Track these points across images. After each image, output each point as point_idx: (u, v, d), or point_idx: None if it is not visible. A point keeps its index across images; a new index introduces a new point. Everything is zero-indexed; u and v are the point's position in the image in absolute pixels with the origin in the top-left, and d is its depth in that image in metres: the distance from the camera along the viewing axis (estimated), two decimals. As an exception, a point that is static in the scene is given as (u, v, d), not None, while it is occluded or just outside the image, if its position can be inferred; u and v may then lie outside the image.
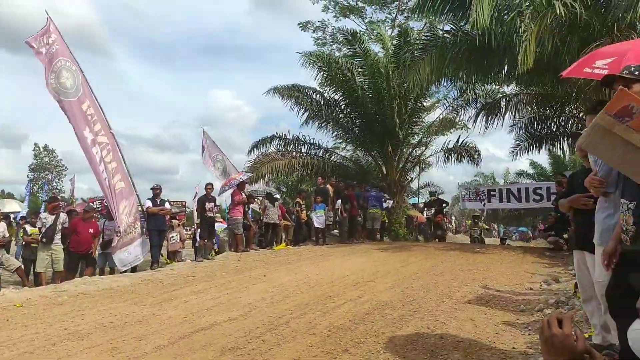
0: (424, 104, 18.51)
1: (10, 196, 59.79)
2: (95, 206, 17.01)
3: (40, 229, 10.06)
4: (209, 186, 12.27)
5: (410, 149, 19.13)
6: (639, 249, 2.65)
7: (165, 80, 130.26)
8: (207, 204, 11.83)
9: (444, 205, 17.92)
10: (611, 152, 2.52)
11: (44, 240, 9.75)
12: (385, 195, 16.61)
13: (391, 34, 20.42)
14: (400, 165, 18.59)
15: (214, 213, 12.07)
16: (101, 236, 11.56)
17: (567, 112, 15.56)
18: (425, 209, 17.84)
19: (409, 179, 20.35)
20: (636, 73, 2.80)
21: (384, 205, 16.19)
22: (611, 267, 2.95)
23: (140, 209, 10.73)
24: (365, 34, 23.52)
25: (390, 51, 17.74)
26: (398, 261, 10.37)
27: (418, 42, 15.73)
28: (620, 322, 2.83)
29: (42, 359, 4.25)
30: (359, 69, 17.21)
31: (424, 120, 19.42)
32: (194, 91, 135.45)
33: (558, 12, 9.34)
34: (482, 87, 16.98)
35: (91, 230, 10.42)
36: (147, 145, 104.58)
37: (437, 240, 16.37)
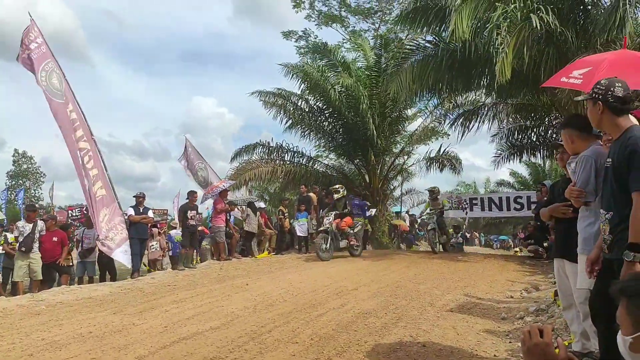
0: (406, 113, 18.67)
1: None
2: (74, 214, 16.82)
3: (17, 237, 9.88)
4: (193, 194, 12.19)
5: (393, 158, 19.25)
6: (615, 257, 2.71)
7: (146, 87, 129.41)
8: (189, 212, 11.75)
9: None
10: None
11: (22, 249, 9.58)
12: (368, 203, 16.65)
13: (374, 43, 20.57)
14: (383, 174, 18.69)
15: (196, 221, 11.98)
16: (80, 245, 11.41)
17: (546, 122, 15.81)
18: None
19: (392, 187, 20.46)
20: (590, 92, 2.94)
21: (367, 213, 16.22)
22: (594, 274, 3.01)
23: (121, 216, 10.59)
24: (347, 43, 23.73)
25: (371, 60, 17.90)
26: (381, 269, 10.39)
27: (399, 52, 15.89)
28: (601, 329, 2.89)
29: (19, 370, 4.17)
30: (338, 79, 17.26)
31: (405, 129, 19.59)
32: (176, 98, 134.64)
33: (535, 25, 9.50)
34: (464, 97, 17.16)
35: (55, 239, 10.17)
36: (128, 152, 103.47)
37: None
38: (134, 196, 11.32)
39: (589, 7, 11.15)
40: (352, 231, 12.78)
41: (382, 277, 9.16)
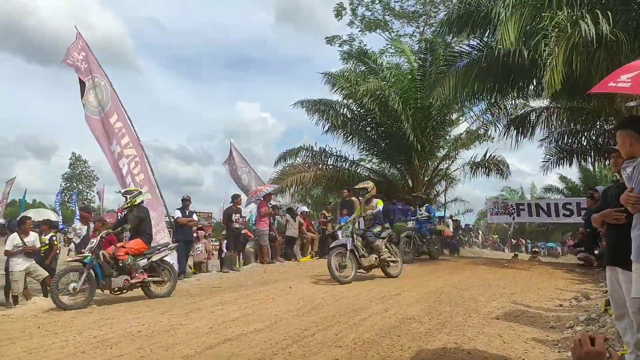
0: (450, 117, 18.39)
1: (42, 206, 61.31)
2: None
3: (72, 239, 10.27)
4: (237, 198, 12.38)
5: (437, 162, 19.02)
6: None
7: (191, 93, 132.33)
8: (233, 215, 11.93)
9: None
10: None
11: (82, 250, 9.94)
12: (412, 208, 16.49)
13: (419, 47, 20.42)
14: (427, 179, 18.47)
15: (240, 224, 12.17)
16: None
17: (597, 127, 15.31)
18: None
19: (436, 192, 20.19)
20: None
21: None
22: None
23: (168, 219, 10.87)
24: (391, 48, 23.61)
25: (415, 65, 17.76)
26: (424, 275, 10.28)
27: (444, 56, 15.72)
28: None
29: (74, 365, 4.34)
30: (380, 84, 17.17)
31: (449, 133, 19.30)
32: (220, 104, 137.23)
33: (584, 32, 9.24)
34: (510, 101, 16.80)
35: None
36: (173, 156, 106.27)
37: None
38: (181, 199, 11.61)
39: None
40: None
41: (425, 283, 9.06)
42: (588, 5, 10.16)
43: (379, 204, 9.90)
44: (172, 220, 11.04)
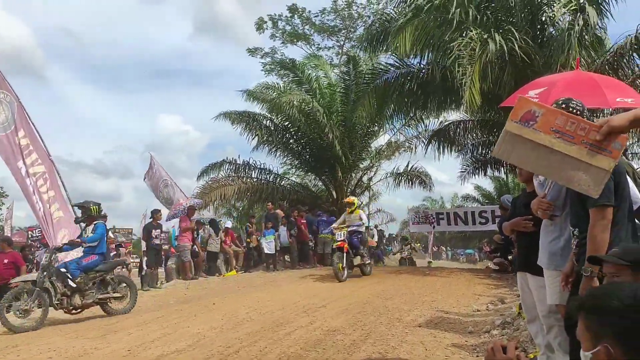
0: (373, 130, 18.83)
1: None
2: (34, 234, 16.33)
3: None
4: (157, 213, 11.99)
5: (360, 174, 19.37)
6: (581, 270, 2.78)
7: (109, 105, 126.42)
8: (153, 231, 11.53)
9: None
10: (525, 158, 2.65)
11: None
12: (336, 219, 16.66)
13: (339, 61, 20.82)
14: (350, 190, 18.76)
15: (160, 240, 11.77)
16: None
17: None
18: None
19: (360, 203, 20.52)
20: (563, 105, 2.99)
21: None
22: (569, 286, 3.07)
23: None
24: (320, 58, 23.89)
25: (333, 79, 18.10)
26: (349, 286, 10.37)
27: (364, 72, 16.17)
28: (573, 339, 2.93)
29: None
30: (304, 97, 17.34)
31: (371, 145, 19.75)
32: (140, 116, 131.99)
33: (493, 49, 9.81)
34: (429, 115, 17.46)
35: (5, 261, 9.78)
36: (90, 171, 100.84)
37: None
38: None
39: (546, 27, 11.56)
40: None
41: (350, 294, 9.14)
42: (496, 23, 10.76)
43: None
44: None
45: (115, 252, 12.72)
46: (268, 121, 18.54)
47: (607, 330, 1.38)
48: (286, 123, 18.03)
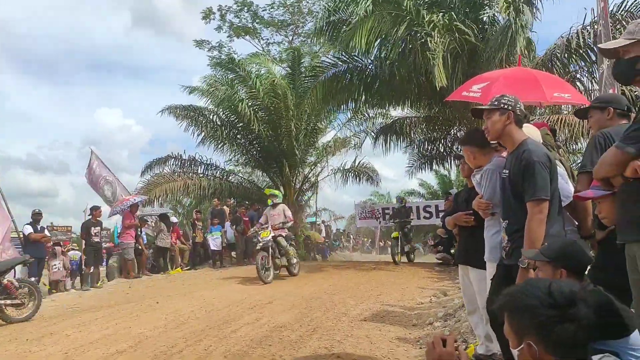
0: (319, 126, 18.89)
1: None
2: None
3: None
4: (96, 210, 11.59)
5: (307, 170, 19.39)
6: (513, 263, 2.87)
7: (44, 98, 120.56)
8: (92, 228, 11.15)
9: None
10: None
11: None
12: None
13: (287, 56, 20.66)
14: (298, 186, 18.76)
15: (100, 238, 11.38)
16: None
17: (452, 134, 16.65)
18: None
19: (307, 199, 20.59)
20: (495, 102, 3.08)
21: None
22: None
23: (17, 235, 9.86)
24: (262, 56, 23.69)
25: (282, 74, 18.02)
26: (296, 282, 10.38)
27: (310, 67, 16.20)
28: (500, 332, 3.03)
29: None
30: (249, 93, 17.17)
31: (318, 141, 19.80)
32: (77, 109, 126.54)
33: (456, 37, 10.10)
34: (376, 110, 17.68)
35: None
36: (23, 166, 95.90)
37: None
38: (32, 213, 10.61)
39: (487, 27, 11.93)
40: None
41: (296, 290, 9.14)
42: (445, 21, 10.99)
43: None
44: (22, 236, 10.03)
45: (52, 251, 12.18)
46: (214, 116, 18.24)
47: (528, 328, 1.42)
48: (232, 118, 17.81)
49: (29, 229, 10.19)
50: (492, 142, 3.34)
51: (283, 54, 24.88)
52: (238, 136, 18.40)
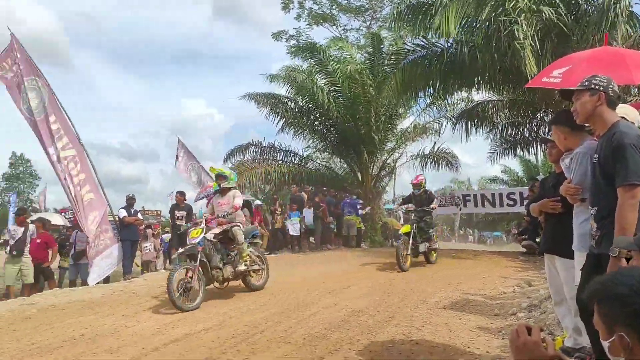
0: (398, 111, 18.64)
1: (-21, 207, 58.26)
2: (67, 216, 16.73)
3: (8, 241, 9.81)
4: (180, 194, 12.17)
5: (386, 156, 19.24)
6: (603, 252, 2.71)
7: (134, 89, 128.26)
8: (177, 212, 11.72)
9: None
10: None
11: (13, 252, 9.51)
12: (360, 201, 16.66)
13: (365, 42, 20.53)
14: (375, 172, 18.68)
15: (184, 221, 11.94)
16: (73, 247, 11.36)
17: (537, 118, 15.88)
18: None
19: (385, 185, 20.45)
20: (585, 83, 2.90)
21: (360, 212, 16.22)
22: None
23: (112, 218, 10.55)
24: (343, 40, 23.68)
25: (359, 61, 17.90)
26: (374, 268, 10.38)
27: (390, 53, 15.98)
28: (589, 324, 2.88)
29: (9, 374, 4.13)
30: (329, 79, 17.23)
31: (397, 127, 19.55)
32: (164, 99, 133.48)
33: (546, 16, 9.63)
34: (455, 95, 17.18)
35: (38, 241, 9.96)
36: (116, 155, 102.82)
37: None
38: (126, 198, 11.31)
39: (580, 3, 11.19)
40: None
41: (374, 275, 9.16)
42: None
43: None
44: (117, 219, 10.72)
45: (144, 234, 12.98)
46: (293, 103, 18.52)
47: (619, 318, 1.35)
48: (311, 105, 17.98)
49: (123, 213, 10.89)
50: (581, 124, 3.16)
51: (362, 39, 24.73)
52: (316, 123, 18.57)
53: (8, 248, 9.73)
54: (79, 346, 4.86)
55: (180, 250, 7.65)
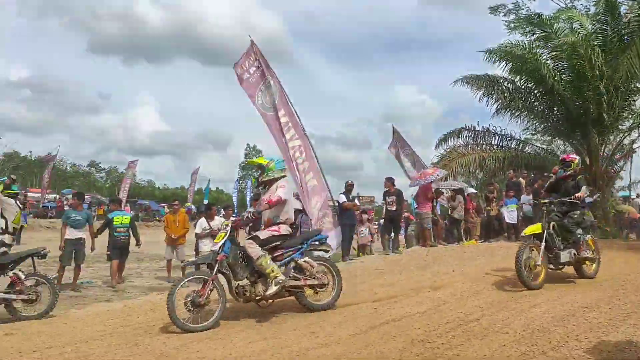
0: (636, 85, 16.23)
1: (222, 193, 67.83)
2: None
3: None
4: (389, 181, 12.46)
5: (620, 136, 16.97)
6: None
7: (348, 80, 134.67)
8: (387, 198, 12.08)
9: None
10: None
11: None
12: (591, 188, 14.98)
13: (596, 10, 18.20)
14: (607, 155, 16.62)
15: (394, 207, 12.21)
16: (299, 229, 12.51)
17: None
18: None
19: (619, 169, 18.09)
20: None
21: (587, 199, 14.65)
22: None
23: (332, 203, 11.32)
24: (562, 14, 21.59)
25: (592, 30, 15.97)
26: (605, 261, 9.34)
27: (628, 21, 13.98)
28: None
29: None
30: (552, 54, 15.75)
31: (636, 103, 17.04)
32: (376, 88, 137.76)
33: None
34: None
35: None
36: (334, 143, 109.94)
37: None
38: (345, 184, 12.05)
39: None
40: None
41: (605, 269, 8.23)
42: None
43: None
44: (337, 204, 11.46)
45: (359, 219, 13.70)
46: (509, 84, 17.45)
47: None
48: (530, 84, 16.74)
49: (342, 198, 11.61)
50: None
51: (591, 8, 22.12)
52: (535, 103, 17.23)
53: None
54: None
55: (193, 258, 6.81)
